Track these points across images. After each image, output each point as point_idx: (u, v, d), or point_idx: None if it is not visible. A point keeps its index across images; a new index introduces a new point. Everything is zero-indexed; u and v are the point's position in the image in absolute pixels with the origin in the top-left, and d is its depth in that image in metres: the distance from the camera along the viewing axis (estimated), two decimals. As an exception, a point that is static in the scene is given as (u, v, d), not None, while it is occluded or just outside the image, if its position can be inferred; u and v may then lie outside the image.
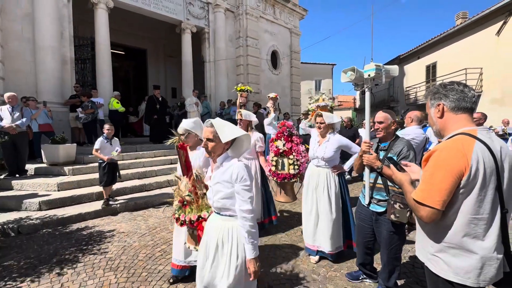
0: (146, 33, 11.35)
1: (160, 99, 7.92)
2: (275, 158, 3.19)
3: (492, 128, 6.65)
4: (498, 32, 10.30)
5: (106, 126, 4.27)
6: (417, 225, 1.25)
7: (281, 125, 3.33)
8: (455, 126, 1.13)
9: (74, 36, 7.16)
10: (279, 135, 3.28)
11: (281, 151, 3.18)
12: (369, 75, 1.88)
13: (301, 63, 13.74)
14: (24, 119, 4.95)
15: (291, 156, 3.13)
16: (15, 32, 6.20)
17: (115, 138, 4.44)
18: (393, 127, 2.02)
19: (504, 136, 6.33)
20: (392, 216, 1.78)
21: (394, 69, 1.94)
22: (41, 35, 6.34)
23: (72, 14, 7.04)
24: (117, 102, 7.21)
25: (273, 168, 3.18)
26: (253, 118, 3.18)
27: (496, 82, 10.48)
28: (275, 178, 3.24)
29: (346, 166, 2.69)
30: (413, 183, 1.25)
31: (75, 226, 3.67)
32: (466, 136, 1.06)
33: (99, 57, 7.54)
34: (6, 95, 4.91)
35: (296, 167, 3.15)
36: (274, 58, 12.08)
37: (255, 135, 3.17)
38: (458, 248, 1.06)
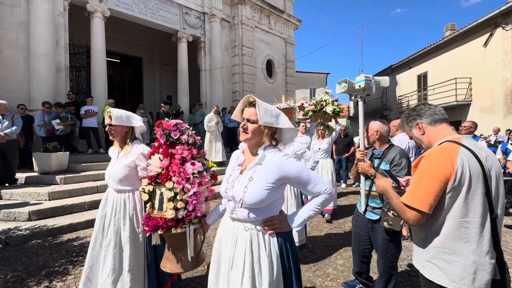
0: (142, 41, 11.44)
1: (167, 114, 7.85)
2: (148, 188, 1.51)
3: (483, 136, 6.78)
4: (485, 44, 10.67)
5: None
6: (413, 233, 1.27)
7: (156, 126, 1.57)
8: (439, 136, 1.21)
9: (69, 44, 7.16)
10: (156, 144, 1.59)
11: (154, 174, 1.50)
12: (359, 86, 1.96)
13: (296, 72, 13.95)
14: (14, 128, 4.87)
15: (168, 184, 1.42)
16: (10, 39, 6.18)
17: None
18: (377, 136, 2.08)
19: (495, 145, 6.42)
20: (385, 224, 1.80)
21: (385, 80, 2.01)
22: (36, 43, 6.32)
23: (68, 22, 7.06)
24: (112, 110, 7.17)
25: (147, 208, 1.51)
26: (136, 123, 1.84)
27: (485, 91, 10.78)
28: (144, 225, 1.48)
29: (294, 222, 1.25)
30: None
31: (66, 237, 3.57)
32: (451, 143, 1.12)
33: (94, 65, 7.54)
34: None
35: (180, 205, 1.40)
36: (269, 67, 12.25)
37: (136, 150, 1.80)
38: (451, 252, 1.08)
